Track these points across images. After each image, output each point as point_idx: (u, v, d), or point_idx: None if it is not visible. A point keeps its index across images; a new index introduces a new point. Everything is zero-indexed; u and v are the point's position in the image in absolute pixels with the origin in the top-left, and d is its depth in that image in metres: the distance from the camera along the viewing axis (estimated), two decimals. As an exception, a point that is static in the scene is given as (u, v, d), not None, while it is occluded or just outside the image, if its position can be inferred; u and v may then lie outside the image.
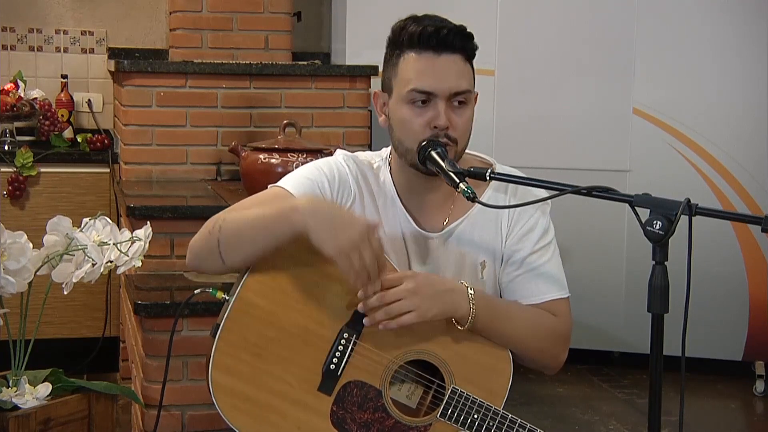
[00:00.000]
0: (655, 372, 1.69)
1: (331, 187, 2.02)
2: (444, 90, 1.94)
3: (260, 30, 4.42)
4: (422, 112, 1.95)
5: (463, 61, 1.97)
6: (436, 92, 1.94)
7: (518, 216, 2.05)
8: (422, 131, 1.95)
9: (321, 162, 2.07)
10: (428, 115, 1.95)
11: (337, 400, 1.91)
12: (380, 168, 2.09)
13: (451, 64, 1.95)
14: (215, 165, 4.03)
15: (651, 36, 4.29)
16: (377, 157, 2.11)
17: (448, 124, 1.94)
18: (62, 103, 4.51)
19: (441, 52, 1.94)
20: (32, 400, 2.40)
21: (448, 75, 1.94)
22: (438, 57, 1.94)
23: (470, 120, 1.99)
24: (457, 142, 1.96)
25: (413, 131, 1.96)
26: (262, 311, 1.89)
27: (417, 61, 1.95)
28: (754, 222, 1.67)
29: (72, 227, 2.44)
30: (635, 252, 4.26)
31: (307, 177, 2.02)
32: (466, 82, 1.96)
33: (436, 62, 1.94)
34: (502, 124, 4.36)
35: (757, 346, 4.29)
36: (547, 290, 2.04)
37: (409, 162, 2.00)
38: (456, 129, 1.95)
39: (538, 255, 2.05)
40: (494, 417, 1.94)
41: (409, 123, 1.96)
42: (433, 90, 1.94)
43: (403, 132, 1.98)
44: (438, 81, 1.94)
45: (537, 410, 3.96)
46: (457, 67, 1.95)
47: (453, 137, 1.95)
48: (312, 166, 2.06)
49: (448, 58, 1.95)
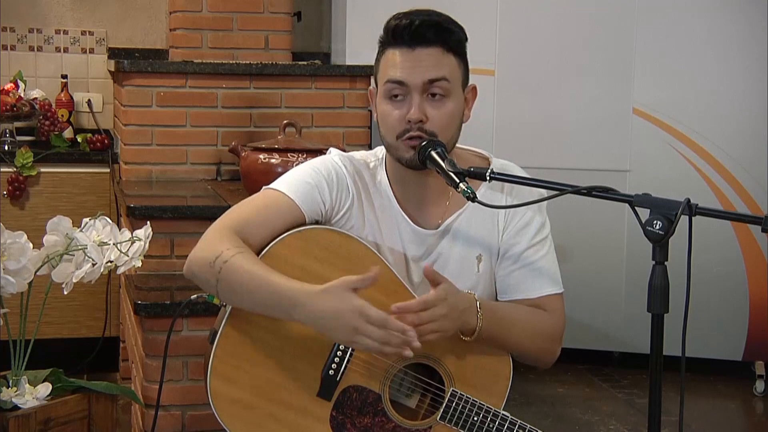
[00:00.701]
0: (655, 372, 1.69)
1: (330, 190, 2.01)
2: (416, 80, 1.93)
3: (260, 30, 4.42)
4: (399, 105, 1.96)
5: (442, 53, 1.95)
6: (408, 82, 1.94)
7: (515, 211, 2.05)
8: (398, 125, 1.95)
9: (317, 163, 2.05)
10: (404, 109, 1.95)
11: (337, 405, 1.91)
12: (376, 167, 2.08)
13: (426, 56, 1.94)
14: (215, 165, 4.02)
15: (651, 36, 4.28)
16: (372, 157, 2.10)
17: (421, 117, 1.93)
18: (62, 103, 4.51)
19: (415, 45, 1.94)
20: (32, 400, 2.40)
21: (420, 66, 1.94)
22: (412, 51, 1.94)
23: (451, 113, 1.97)
24: (435, 136, 1.94)
25: (390, 125, 1.97)
26: (260, 318, 1.88)
27: (393, 55, 1.96)
28: (754, 222, 1.68)
29: (72, 227, 2.44)
30: (635, 252, 4.26)
31: (306, 180, 2.00)
32: (441, 71, 1.94)
33: (410, 55, 1.94)
34: (502, 124, 4.36)
35: (757, 346, 4.29)
36: (543, 286, 2.05)
37: (394, 157, 2.00)
38: (433, 122, 1.94)
39: (534, 250, 2.05)
40: (494, 419, 1.94)
41: (387, 117, 1.97)
42: (403, 80, 1.94)
43: (383, 126, 2.00)
44: (409, 71, 1.94)
45: (537, 410, 3.96)
46: (432, 58, 1.94)
47: (429, 131, 1.94)
48: (309, 168, 2.03)
49: (422, 51, 1.94)
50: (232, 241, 1.88)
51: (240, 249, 1.87)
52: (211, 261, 1.86)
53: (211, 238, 1.92)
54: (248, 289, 1.83)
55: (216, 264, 1.85)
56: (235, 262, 1.84)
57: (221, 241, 1.89)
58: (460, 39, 1.98)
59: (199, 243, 1.93)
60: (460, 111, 1.99)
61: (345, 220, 2.02)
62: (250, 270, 1.83)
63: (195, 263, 1.91)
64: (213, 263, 1.86)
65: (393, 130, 1.97)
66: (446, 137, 1.96)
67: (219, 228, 1.94)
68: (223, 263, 1.85)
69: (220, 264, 1.85)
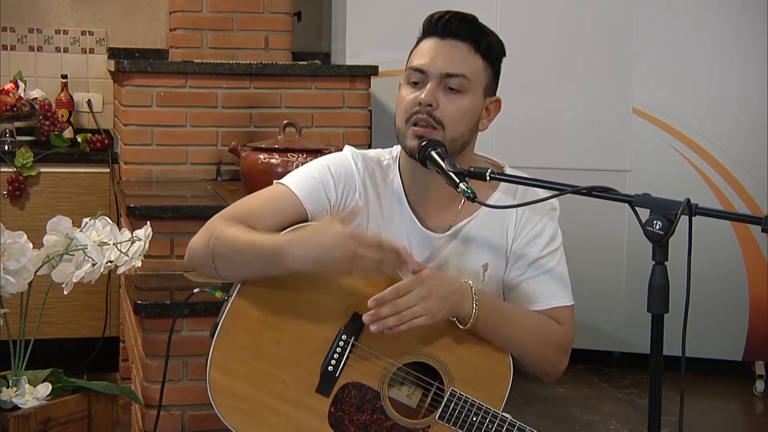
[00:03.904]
0: (655, 372, 1.69)
1: (336, 186, 2.01)
2: (435, 69, 1.94)
3: (260, 30, 4.42)
4: (414, 90, 1.97)
5: (470, 51, 1.96)
6: (427, 70, 1.95)
7: (527, 220, 2.04)
8: (410, 107, 1.96)
9: (329, 158, 2.06)
10: (418, 93, 1.95)
11: (335, 401, 1.91)
12: (389, 166, 2.07)
13: (452, 49, 1.95)
14: (215, 165, 4.03)
15: (651, 36, 4.29)
16: (387, 155, 2.09)
17: (431, 101, 1.93)
18: (62, 103, 4.51)
19: (445, 36, 1.96)
20: (32, 400, 2.40)
21: (444, 57, 1.95)
22: (442, 41, 1.96)
23: (464, 109, 1.96)
24: (443, 126, 1.94)
25: (402, 108, 1.98)
26: (260, 312, 1.88)
27: (423, 45, 1.98)
28: (754, 222, 1.67)
29: (72, 227, 2.44)
30: (635, 252, 4.26)
31: (312, 176, 2.01)
32: (462, 67, 1.95)
33: (437, 45, 1.96)
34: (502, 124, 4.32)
35: (757, 346, 4.29)
36: (552, 296, 2.03)
37: (402, 145, 2.00)
38: (443, 111, 1.94)
39: (545, 260, 2.03)
40: (493, 419, 1.94)
41: (402, 101, 1.98)
42: (423, 67, 1.95)
43: (397, 111, 2.00)
44: (431, 60, 1.95)
45: (537, 410, 3.96)
46: (458, 52, 1.95)
47: (438, 118, 1.94)
48: (318, 164, 2.04)
49: (450, 43, 1.96)
50: (225, 224, 1.93)
51: (231, 225, 1.91)
52: (206, 241, 1.91)
53: (209, 224, 1.96)
54: (240, 256, 1.86)
55: (209, 242, 1.90)
56: (224, 234, 1.89)
57: (218, 225, 1.93)
58: (492, 44, 1.99)
59: (198, 233, 1.97)
60: (475, 112, 1.98)
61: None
62: (237, 237, 1.88)
63: (193, 249, 1.95)
64: (207, 242, 1.90)
65: (404, 112, 1.97)
66: (454, 132, 1.95)
67: (220, 216, 1.97)
68: (215, 239, 1.89)
69: (213, 241, 1.89)
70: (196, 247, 1.94)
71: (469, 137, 2.00)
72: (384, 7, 4.37)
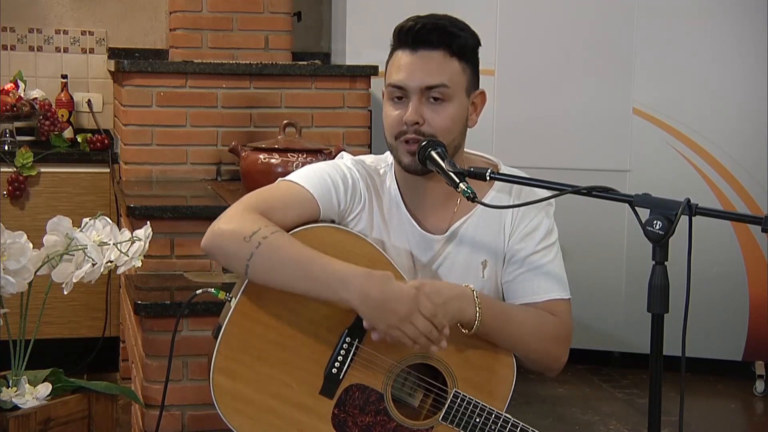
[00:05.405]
0: (655, 372, 1.69)
1: (345, 191, 2.00)
2: (414, 85, 1.94)
3: (260, 30, 4.42)
4: (398, 107, 1.97)
5: (445, 57, 1.95)
6: (406, 87, 1.95)
7: (522, 216, 2.05)
8: (396, 126, 1.97)
9: (333, 164, 2.05)
10: (402, 111, 1.96)
11: (339, 403, 1.91)
12: (386, 173, 2.08)
13: (427, 60, 1.94)
14: (215, 165, 4.03)
15: (651, 36, 4.28)
16: (383, 162, 2.10)
17: (416, 119, 1.94)
18: (62, 103, 4.50)
19: (417, 48, 1.95)
20: (32, 400, 2.40)
21: (420, 70, 1.94)
22: (415, 53, 1.95)
23: (451, 117, 1.96)
24: (435, 137, 1.94)
25: (389, 126, 1.99)
26: (264, 314, 1.88)
27: (398, 58, 1.98)
28: (754, 222, 1.67)
29: (72, 227, 2.44)
30: (635, 252, 4.26)
31: (325, 179, 1.99)
32: (441, 77, 1.94)
33: (411, 58, 1.95)
34: (502, 124, 4.36)
35: (757, 346, 4.29)
36: (548, 289, 2.03)
37: (395, 159, 2.01)
38: (431, 125, 1.94)
39: (540, 255, 2.04)
40: (496, 421, 1.94)
41: (387, 118, 1.99)
42: (402, 84, 1.95)
43: (384, 126, 2.01)
44: (408, 76, 1.95)
45: (537, 410, 3.96)
46: (434, 62, 1.94)
47: (427, 133, 1.94)
48: (327, 167, 2.03)
49: (424, 55, 1.95)
50: (265, 221, 1.88)
51: (278, 228, 1.87)
52: (247, 236, 1.84)
53: (241, 215, 1.90)
54: (287, 268, 1.82)
55: (253, 239, 1.83)
56: (277, 238, 1.84)
57: (253, 218, 1.88)
58: (465, 44, 1.97)
59: (225, 218, 1.90)
60: (461, 115, 1.99)
61: (354, 223, 2.03)
62: (293, 248, 1.84)
63: (224, 236, 1.88)
64: (249, 238, 1.84)
65: (392, 129, 1.98)
66: (446, 139, 1.96)
67: (246, 207, 1.92)
68: (263, 238, 1.83)
69: (258, 239, 1.83)
70: (231, 239, 1.86)
71: (461, 139, 2.02)
72: (384, 7, 4.37)
